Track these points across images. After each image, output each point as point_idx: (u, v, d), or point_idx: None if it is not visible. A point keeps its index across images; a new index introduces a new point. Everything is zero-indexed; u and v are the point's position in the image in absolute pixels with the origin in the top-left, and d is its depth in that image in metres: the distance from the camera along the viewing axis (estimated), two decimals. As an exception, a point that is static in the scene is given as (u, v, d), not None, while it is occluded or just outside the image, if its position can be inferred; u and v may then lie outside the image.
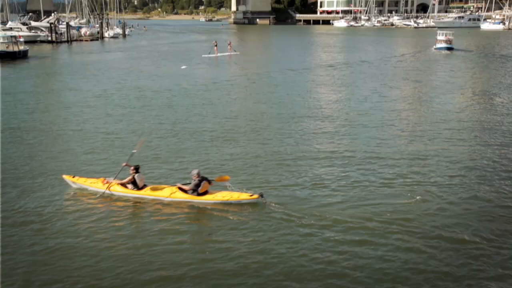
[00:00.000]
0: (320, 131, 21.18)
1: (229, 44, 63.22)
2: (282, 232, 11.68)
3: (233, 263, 10.34)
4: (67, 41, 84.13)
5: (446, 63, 53.13)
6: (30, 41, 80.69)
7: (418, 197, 13.50)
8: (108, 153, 17.86)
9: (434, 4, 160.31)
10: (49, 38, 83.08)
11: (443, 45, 66.13)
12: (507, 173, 15.67)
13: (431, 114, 25.06)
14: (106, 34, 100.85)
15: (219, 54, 58.30)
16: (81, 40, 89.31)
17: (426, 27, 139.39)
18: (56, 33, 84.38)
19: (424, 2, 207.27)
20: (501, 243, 11.11)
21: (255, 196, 13.13)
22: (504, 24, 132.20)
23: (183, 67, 46.36)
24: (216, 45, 60.79)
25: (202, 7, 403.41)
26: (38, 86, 35.77)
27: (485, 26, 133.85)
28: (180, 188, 13.44)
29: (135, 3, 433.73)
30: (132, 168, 13.75)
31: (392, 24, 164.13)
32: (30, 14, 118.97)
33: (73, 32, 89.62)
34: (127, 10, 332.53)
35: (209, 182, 13.55)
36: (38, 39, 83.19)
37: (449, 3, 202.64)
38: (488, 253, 10.69)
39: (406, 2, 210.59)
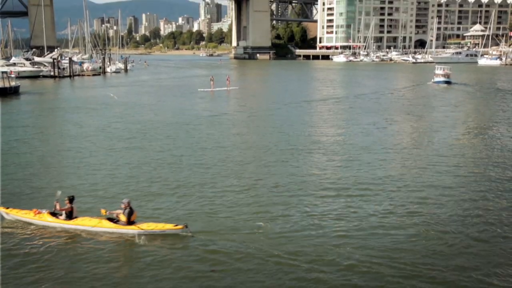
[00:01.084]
0: (310, 163, 21.13)
1: (227, 79, 63.87)
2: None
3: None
4: (69, 76, 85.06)
5: (445, 96, 53.82)
6: (32, 76, 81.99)
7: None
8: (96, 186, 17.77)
9: (431, 40, 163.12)
10: (52, 73, 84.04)
11: (441, 79, 67.53)
12: (504, 205, 15.56)
13: (429, 148, 24.99)
14: (108, 69, 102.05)
15: (217, 89, 58.72)
16: (83, 75, 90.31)
17: (424, 62, 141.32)
18: (59, 68, 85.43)
19: (422, 38, 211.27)
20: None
21: (180, 226, 13.30)
22: (501, 59, 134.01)
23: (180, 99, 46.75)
24: (212, 80, 61.01)
25: (203, 43, 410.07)
26: (24, 124, 33.32)
27: (483, 61, 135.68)
28: (109, 218, 13.65)
29: (137, 38, 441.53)
30: (66, 199, 14.03)
31: (391, 59, 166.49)
32: (34, 49, 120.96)
33: (76, 67, 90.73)
34: (129, 45, 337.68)
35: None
36: (41, 74, 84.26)
37: (447, 39, 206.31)
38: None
39: (404, 38, 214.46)
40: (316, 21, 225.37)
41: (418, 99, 51.66)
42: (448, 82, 66.56)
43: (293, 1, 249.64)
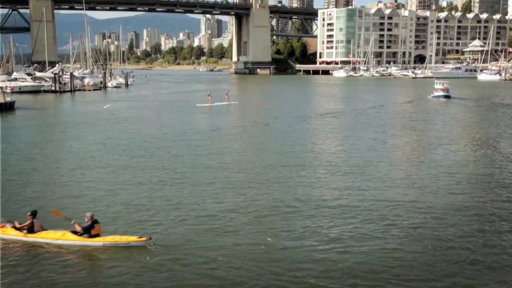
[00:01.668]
0: (304, 179, 21.08)
1: (227, 94, 63.96)
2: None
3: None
4: (70, 91, 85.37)
5: (445, 110, 54.11)
6: (34, 91, 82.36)
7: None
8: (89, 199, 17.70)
9: (431, 55, 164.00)
10: (53, 88, 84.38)
11: (441, 93, 68.13)
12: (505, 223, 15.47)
13: (429, 163, 24.93)
14: (109, 84, 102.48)
15: (217, 104, 58.61)
16: (84, 90, 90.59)
17: (424, 77, 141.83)
18: (60, 83, 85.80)
19: (421, 53, 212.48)
20: None
21: (144, 238, 13.39)
22: (500, 75, 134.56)
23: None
24: (210, 95, 60.90)
25: (203, 58, 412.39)
26: (16, 140, 32.72)
27: (482, 77, 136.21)
28: (73, 231, 13.70)
29: (138, 54, 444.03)
30: (28, 214, 14.19)
31: (390, 74, 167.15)
32: (35, 65, 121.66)
33: (77, 82, 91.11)
34: (130, 60, 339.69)
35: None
36: (42, 89, 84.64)
37: (446, 54, 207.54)
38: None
39: (404, 53, 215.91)
40: (316, 37, 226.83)
41: (418, 113, 51.88)
42: (447, 97, 67.15)
43: (293, 17, 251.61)
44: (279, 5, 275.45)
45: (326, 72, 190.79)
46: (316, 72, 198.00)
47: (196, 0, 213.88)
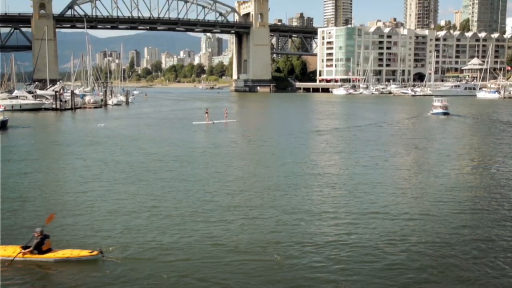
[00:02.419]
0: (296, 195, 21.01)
1: (225, 112, 63.97)
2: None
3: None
4: (71, 109, 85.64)
5: (444, 127, 54.80)
6: (35, 109, 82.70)
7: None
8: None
9: (430, 74, 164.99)
10: (54, 106, 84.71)
11: (439, 110, 69.57)
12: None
13: (429, 180, 24.88)
14: (109, 102, 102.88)
15: (214, 121, 58.38)
16: (85, 108, 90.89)
17: (424, 95, 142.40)
18: (61, 101, 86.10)
19: (421, 71, 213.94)
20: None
21: (95, 252, 13.45)
22: (499, 93, 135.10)
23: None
24: (207, 113, 60.58)
25: (204, 76, 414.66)
26: (5, 159, 31.58)
27: (481, 95, 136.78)
28: (23, 247, 13.67)
29: (139, 71, 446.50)
30: None
31: (390, 92, 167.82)
32: (36, 83, 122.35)
33: (77, 99, 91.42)
34: (131, 78, 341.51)
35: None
36: (43, 106, 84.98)
37: (445, 72, 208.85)
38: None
39: (403, 71, 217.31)
40: (315, 55, 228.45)
41: (417, 130, 52.49)
42: (446, 114, 68.56)
43: (293, 35, 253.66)
44: (279, 23, 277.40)
45: (326, 90, 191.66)
46: (316, 90, 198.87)
47: (197, 19, 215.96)
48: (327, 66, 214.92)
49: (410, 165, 30.70)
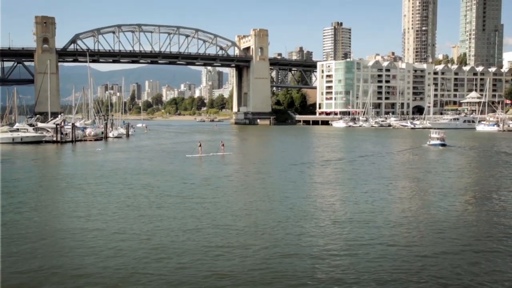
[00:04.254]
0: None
1: (222, 144, 64.15)
2: None
3: None
4: (72, 141, 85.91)
5: (441, 157, 56.98)
6: (35, 141, 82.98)
7: None
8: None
9: (429, 106, 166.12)
10: (54, 138, 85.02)
11: (437, 141, 73.55)
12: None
13: (428, 212, 24.74)
14: (110, 134, 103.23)
15: (207, 155, 58.47)
16: (85, 140, 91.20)
17: (423, 128, 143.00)
18: (62, 133, 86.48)
19: (420, 104, 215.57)
20: None
21: None
22: (498, 126, 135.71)
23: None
24: (200, 146, 61.24)
25: (204, 108, 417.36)
26: None
27: (480, 127, 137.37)
28: None
29: (140, 104, 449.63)
30: None
31: (390, 125, 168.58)
32: (37, 115, 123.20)
33: (78, 132, 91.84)
34: (131, 111, 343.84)
35: None
36: (44, 139, 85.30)
37: (444, 105, 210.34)
38: None
39: (402, 104, 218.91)
40: (315, 88, 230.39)
41: (416, 161, 54.37)
42: (443, 145, 72.54)
43: (293, 69, 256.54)
44: (279, 57, 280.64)
45: (325, 123, 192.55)
46: (315, 122, 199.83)
47: (197, 53, 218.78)
48: (326, 99, 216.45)
49: (408, 197, 30.57)
